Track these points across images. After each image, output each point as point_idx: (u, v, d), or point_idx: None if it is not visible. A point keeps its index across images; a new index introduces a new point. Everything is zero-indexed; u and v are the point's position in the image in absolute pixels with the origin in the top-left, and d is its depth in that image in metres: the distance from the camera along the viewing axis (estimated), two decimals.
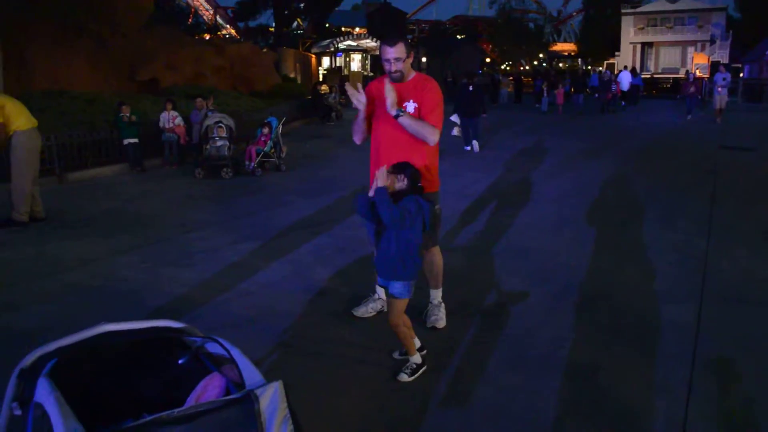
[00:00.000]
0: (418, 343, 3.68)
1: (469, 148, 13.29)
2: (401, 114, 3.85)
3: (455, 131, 13.27)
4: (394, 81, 3.94)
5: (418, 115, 3.95)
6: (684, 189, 9.11)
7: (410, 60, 3.98)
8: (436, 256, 4.26)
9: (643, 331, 4.21)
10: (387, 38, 3.93)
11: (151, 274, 5.48)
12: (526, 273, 5.43)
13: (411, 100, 3.96)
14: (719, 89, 18.77)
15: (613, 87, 23.85)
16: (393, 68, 3.90)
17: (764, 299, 4.79)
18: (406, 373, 3.54)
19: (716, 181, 9.65)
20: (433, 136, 3.94)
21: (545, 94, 24.28)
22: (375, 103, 4.06)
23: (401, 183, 3.45)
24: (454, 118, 13.24)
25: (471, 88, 13.66)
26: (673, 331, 4.21)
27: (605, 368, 3.70)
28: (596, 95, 24.81)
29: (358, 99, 3.93)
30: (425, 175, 4.00)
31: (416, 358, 3.59)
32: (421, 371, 3.58)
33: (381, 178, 3.36)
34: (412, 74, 4.06)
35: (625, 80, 27.00)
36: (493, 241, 6.48)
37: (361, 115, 4.04)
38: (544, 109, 24.01)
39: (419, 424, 3.11)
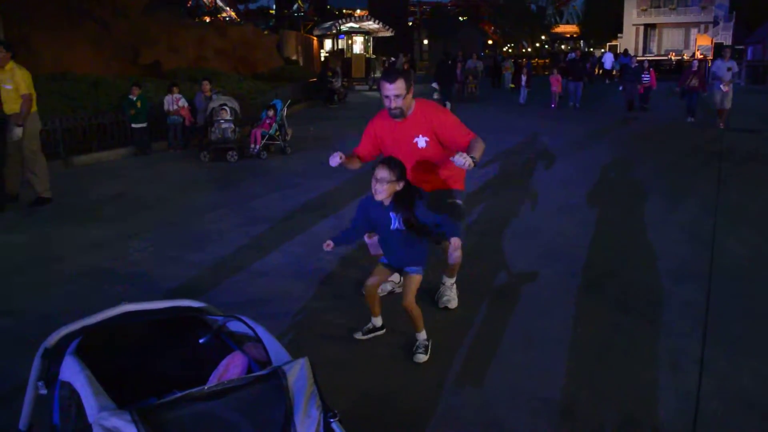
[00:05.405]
0: (380, 321, 3.85)
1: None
2: (474, 160, 3.47)
3: (435, 95, 17.23)
4: (393, 117, 3.86)
5: (436, 147, 3.89)
6: (690, 171, 9.11)
7: (410, 95, 3.83)
8: (458, 251, 4.20)
9: (653, 309, 4.24)
10: (386, 74, 3.81)
11: (162, 256, 5.51)
12: (536, 253, 5.45)
13: (420, 135, 3.87)
14: (723, 86, 13.30)
15: (646, 77, 17.52)
16: (393, 105, 3.78)
17: None
18: (421, 353, 3.58)
19: (722, 163, 9.63)
20: (482, 143, 3.78)
21: (523, 83, 20.20)
22: (381, 139, 4.03)
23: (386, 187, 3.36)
24: (435, 84, 18.23)
25: (450, 62, 19.08)
26: (684, 308, 4.23)
27: (617, 346, 3.73)
28: (621, 87, 19.11)
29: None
30: (455, 176, 4.08)
31: (423, 335, 3.64)
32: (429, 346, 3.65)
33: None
34: (413, 106, 3.91)
35: (608, 61, 30.76)
36: (501, 222, 6.49)
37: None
38: (521, 101, 20.00)
39: (436, 404, 3.14)
